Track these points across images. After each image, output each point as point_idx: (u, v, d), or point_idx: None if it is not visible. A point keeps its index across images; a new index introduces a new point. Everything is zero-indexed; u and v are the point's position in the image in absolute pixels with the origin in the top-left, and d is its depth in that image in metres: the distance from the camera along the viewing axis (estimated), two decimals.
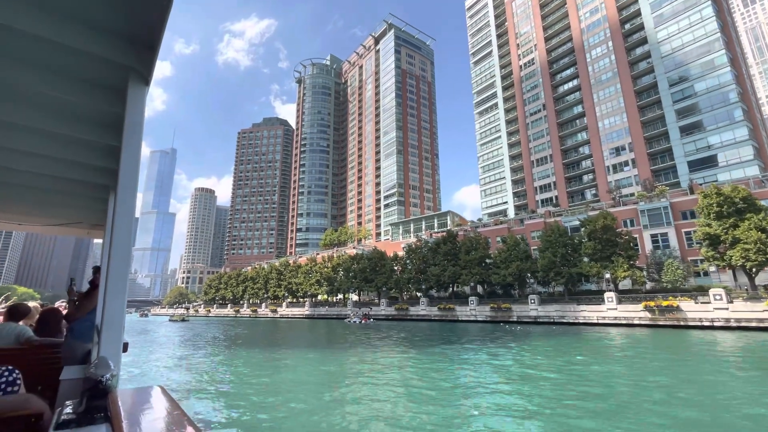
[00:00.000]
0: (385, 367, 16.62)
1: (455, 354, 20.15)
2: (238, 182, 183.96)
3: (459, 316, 50.08)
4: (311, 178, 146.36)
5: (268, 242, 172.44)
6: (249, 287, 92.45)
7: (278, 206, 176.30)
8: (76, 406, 1.18)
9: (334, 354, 21.55)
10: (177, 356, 22.86)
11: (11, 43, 1.73)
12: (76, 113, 2.37)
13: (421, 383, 13.16)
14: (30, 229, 5.60)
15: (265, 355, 21.61)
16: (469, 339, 27.65)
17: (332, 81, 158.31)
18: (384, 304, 59.85)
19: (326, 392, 12.29)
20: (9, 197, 3.90)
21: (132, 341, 31.70)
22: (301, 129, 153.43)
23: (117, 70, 1.91)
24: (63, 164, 2.95)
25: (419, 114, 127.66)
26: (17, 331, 3.54)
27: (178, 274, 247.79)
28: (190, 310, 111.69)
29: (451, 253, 57.62)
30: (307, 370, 17.24)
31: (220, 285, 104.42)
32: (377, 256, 68.99)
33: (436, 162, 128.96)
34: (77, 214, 4.65)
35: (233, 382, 14.47)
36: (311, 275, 78.68)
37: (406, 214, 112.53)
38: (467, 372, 15.19)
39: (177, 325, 63.24)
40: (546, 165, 75.56)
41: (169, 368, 18.29)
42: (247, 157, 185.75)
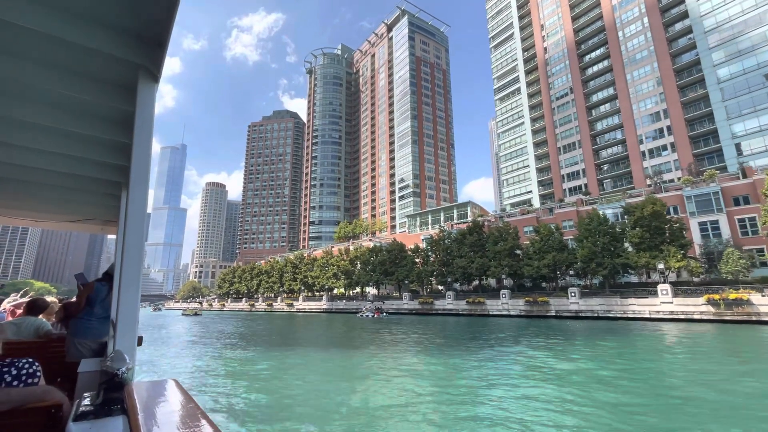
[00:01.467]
0: (417, 373, 13.85)
1: (503, 355, 17.30)
2: (249, 176, 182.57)
3: (489, 311, 47.15)
4: (323, 170, 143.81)
5: (279, 236, 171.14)
6: (264, 281, 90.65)
7: (290, 200, 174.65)
8: (94, 398, 1.22)
9: (353, 354, 18.92)
10: (191, 354, 20.46)
11: (22, 42, 1.75)
12: (88, 111, 2.37)
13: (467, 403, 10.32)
14: (46, 226, 5.65)
15: (275, 355, 19.08)
16: (510, 336, 24.76)
17: (343, 71, 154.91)
18: (407, 297, 57.15)
19: (336, 396, 10.89)
20: (25, 194, 3.94)
21: (145, 337, 29.61)
22: (313, 120, 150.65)
23: (126, 67, 1.91)
24: (76, 161, 2.94)
25: (434, 103, 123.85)
26: (36, 325, 3.71)
27: (190, 268, 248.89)
28: (204, 304, 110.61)
29: (478, 244, 54.63)
30: (321, 369, 15.21)
31: (234, 279, 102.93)
32: (397, 248, 66.28)
33: (452, 152, 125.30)
34: (91, 211, 4.65)
35: (241, 385, 12.95)
36: (328, 268, 76.37)
37: (421, 205, 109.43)
38: (532, 384, 12.26)
39: (190, 319, 61.69)
40: (574, 151, 71.66)
41: (182, 368, 15.92)
42: (257, 150, 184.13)
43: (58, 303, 5.28)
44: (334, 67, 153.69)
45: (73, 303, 4.45)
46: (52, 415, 1.43)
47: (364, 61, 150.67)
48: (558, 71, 76.38)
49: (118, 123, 2.51)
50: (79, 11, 1.70)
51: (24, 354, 2.00)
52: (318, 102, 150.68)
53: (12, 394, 1.39)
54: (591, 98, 70.76)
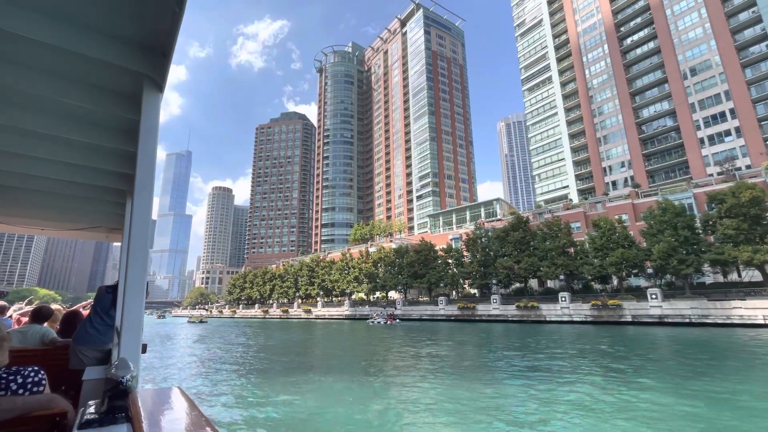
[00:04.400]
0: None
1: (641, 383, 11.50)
2: (257, 179, 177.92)
3: (546, 316, 41.18)
4: (335, 171, 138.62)
5: (289, 240, 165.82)
6: (277, 285, 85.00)
7: (299, 203, 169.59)
8: (99, 406, 1.24)
9: (391, 379, 13.21)
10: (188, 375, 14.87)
11: (27, 53, 1.78)
12: (93, 120, 2.40)
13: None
14: (52, 234, 5.59)
15: (292, 380, 13.46)
16: (601, 351, 18.87)
17: (355, 69, 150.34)
18: (443, 302, 51.23)
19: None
20: (31, 203, 3.96)
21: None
22: (324, 120, 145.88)
23: (131, 77, 1.94)
24: (81, 170, 2.98)
25: (452, 99, 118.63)
26: (42, 333, 3.76)
27: (196, 275, 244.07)
28: (214, 311, 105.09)
29: (523, 242, 48.77)
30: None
31: (245, 284, 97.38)
32: (426, 249, 60.51)
33: (471, 150, 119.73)
34: (96, 219, 4.61)
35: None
36: (348, 272, 70.63)
37: (441, 205, 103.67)
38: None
39: (195, 327, 56.35)
40: (616, 142, 65.76)
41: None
42: (265, 153, 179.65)
43: (63, 311, 5.29)
44: (345, 65, 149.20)
45: (76, 311, 4.81)
46: (57, 422, 1.43)
47: (376, 59, 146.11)
48: (595, 57, 70.77)
49: (123, 132, 2.46)
50: (83, 22, 1.68)
51: (29, 362, 1.97)
52: (329, 101, 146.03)
53: (17, 402, 1.39)
54: (635, 83, 65.02)
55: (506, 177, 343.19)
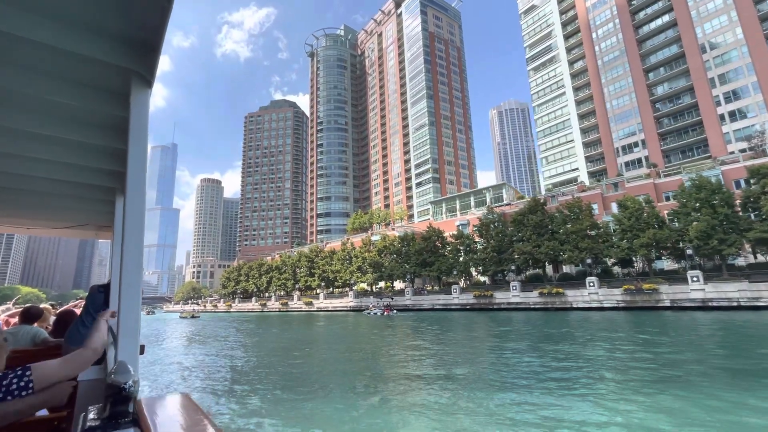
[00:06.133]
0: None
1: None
2: (247, 169, 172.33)
3: (572, 303, 38.57)
4: (330, 159, 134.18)
5: (282, 231, 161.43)
6: (275, 278, 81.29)
7: (291, 193, 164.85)
8: (100, 412, 1.21)
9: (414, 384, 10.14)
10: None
11: (13, 50, 1.75)
12: (80, 118, 2.36)
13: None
14: (38, 233, 5.43)
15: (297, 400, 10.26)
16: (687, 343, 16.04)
17: (347, 53, 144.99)
18: (456, 291, 48.36)
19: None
20: (16, 202, 3.88)
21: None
22: (317, 106, 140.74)
23: (119, 73, 1.89)
24: (69, 168, 2.94)
25: (450, 82, 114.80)
26: (33, 333, 3.70)
27: (187, 269, 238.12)
28: (208, 305, 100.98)
29: (542, 225, 46.00)
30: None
31: (240, 277, 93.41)
32: (435, 236, 57.48)
33: (471, 135, 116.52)
34: (84, 217, 4.46)
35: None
36: (350, 262, 67.34)
37: (442, 192, 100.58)
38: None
39: (186, 323, 54.02)
40: (629, 121, 63.18)
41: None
42: (255, 143, 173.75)
43: (52, 310, 5.35)
44: (337, 49, 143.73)
45: (71, 310, 4.71)
46: (54, 427, 1.42)
47: (369, 42, 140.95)
48: (606, 33, 67.71)
49: (111, 129, 2.42)
50: (69, 18, 1.64)
51: (21, 363, 1.82)
52: (322, 86, 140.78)
53: (9, 408, 1.34)
54: (649, 59, 62.26)
55: (499, 165, 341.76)
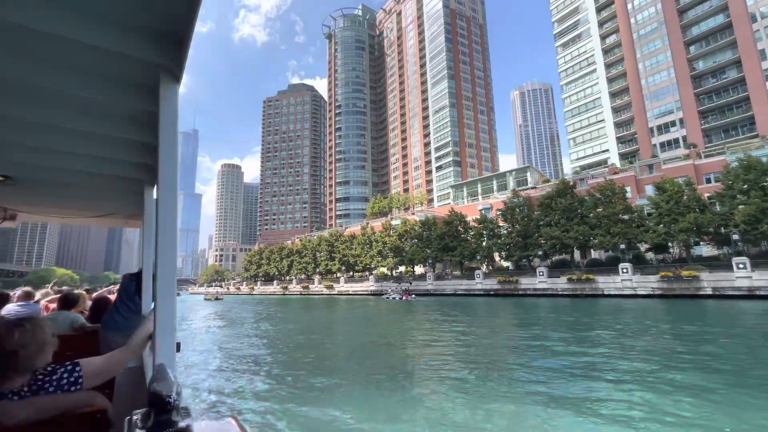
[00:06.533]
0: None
1: None
2: (266, 154, 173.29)
3: (603, 290, 37.04)
4: (348, 143, 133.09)
5: (301, 216, 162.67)
6: (296, 261, 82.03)
7: (310, 177, 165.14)
8: (144, 420, 1.20)
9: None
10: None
11: (42, 47, 1.79)
12: (109, 113, 2.41)
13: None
14: (74, 222, 5.85)
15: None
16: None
17: (366, 33, 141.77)
18: (480, 276, 47.36)
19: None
20: (51, 194, 4.11)
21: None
22: (335, 90, 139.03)
23: (147, 68, 1.88)
24: (100, 161, 3.04)
25: (472, 62, 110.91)
26: (71, 319, 3.88)
27: (209, 253, 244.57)
28: (231, 287, 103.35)
29: (571, 209, 44.12)
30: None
31: (261, 260, 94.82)
32: (457, 220, 56.20)
33: (492, 117, 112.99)
34: (113, 207, 4.67)
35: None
36: (371, 246, 66.98)
37: (462, 175, 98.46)
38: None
39: (211, 305, 54.90)
40: (666, 99, 59.41)
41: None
42: (274, 127, 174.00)
43: (87, 296, 5.75)
44: (355, 30, 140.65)
45: (105, 297, 5.07)
46: (97, 419, 1.48)
47: (388, 21, 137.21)
48: (643, 3, 63.22)
49: (140, 123, 2.47)
50: (96, 12, 1.64)
51: (62, 348, 2.00)
52: (339, 69, 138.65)
53: (58, 401, 1.45)
54: (690, 31, 57.91)
55: (520, 148, 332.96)
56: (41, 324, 1.57)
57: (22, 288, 5.82)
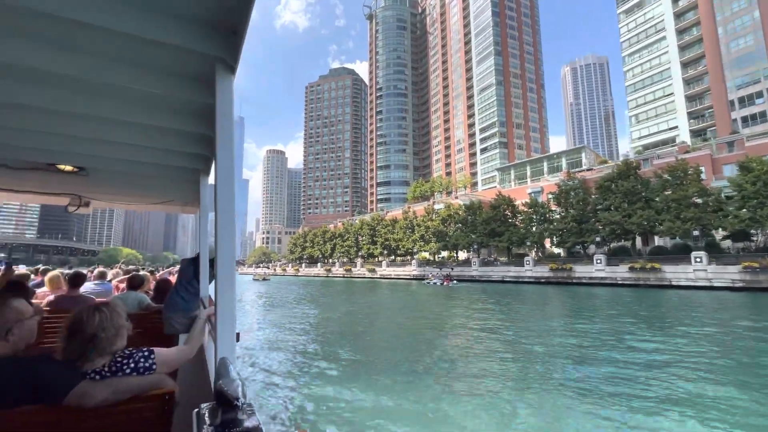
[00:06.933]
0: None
1: None
2: (309, 140, 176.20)
3: (671, 280, 33.80)
4: (389, 127, 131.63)
5: (343, 200, 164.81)
6: (338, 245, 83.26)
7: (351, 162, 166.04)
8: (212, 416, 1.23)
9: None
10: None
11: (99, 42, 1.83)
12: (167, 105, 2.47)
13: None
14: (135, 208, 6.22)
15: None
16: None
17: (407, 12, 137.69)
18: (530, 263, 45.14)
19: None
20: (115, 183, 4.41)
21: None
22: (376, 72, 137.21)
23: (203, 60, 1.90)
24: (158, 152, 3.15)
25: (521, 36, 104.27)
26: (139, 299, 4.20)
27: (257, 235, 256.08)
28: (278, 269, 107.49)
29: (634, 192, 40.41)
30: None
31: (306, 243, 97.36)
32: (504, 204, 53.69)
33: (543, 94, 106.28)
34: (170, 194, 4.98)
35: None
36: (413, 230, 66.15)
37: (509, 158, 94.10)
38: None
39: (260, 285, 56.97)
40: (751, 66, 52.13)
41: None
42: (316, 113, 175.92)
43: (151, 277, 6.38)
44: (396, 9, 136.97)
45: (167, 279, 5.83)
46: (167, 401, 1.58)
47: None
48: None
49: (197, 115, 2.54)
50: (153, 6, 1.65)
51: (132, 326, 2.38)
52: (380, 51, 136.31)
53: (132, 383, 1.56)
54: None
55: (570, 128, 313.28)
56: (117, 309, 1.69)
57: (97, 268, 6.25)
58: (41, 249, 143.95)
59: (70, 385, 1.42)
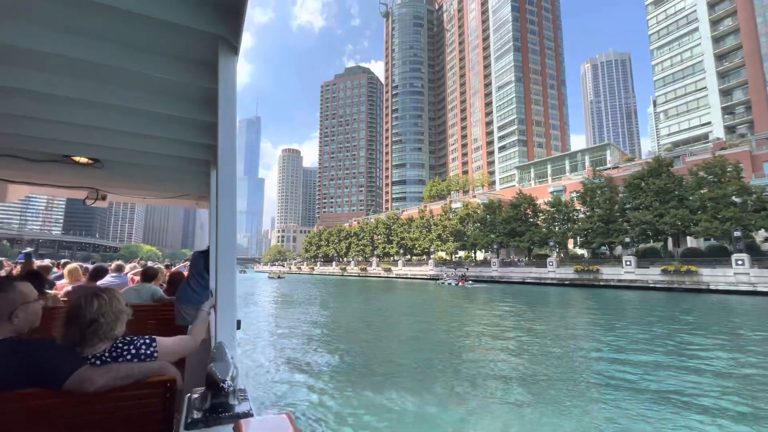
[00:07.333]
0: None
1: None
2: (324, 138, 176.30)
3: (709, 284, 31.64)
4: (404, 125, 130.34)
5: (357, 199, 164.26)
6: (353, 244, 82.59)
7: (366, 161, 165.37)
8: (201, 401, 1.24)
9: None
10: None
11: (99, 22, 1.76)
12: (171, 91, 2.38)
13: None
14: (150, 202, 6.26)
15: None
16: None
17: (424, 9, 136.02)
18: (552, 264, 43.35)
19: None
20: (132, 176, 4.28)
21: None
22: (391, 69, 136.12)
23: (205, 40, 1.84)
24: (170, 143, 3.07)
25: (541, 31, 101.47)
26: (152, 291, 4.30)
27: (272, 234, 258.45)
28: (293, 267, 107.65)
29: (666, 191, 38.22)
30: None
31: (321, 242, 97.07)
32: (525, 203, 51.89)
33: (564, 91, 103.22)
34: (184, 188, 4.84)
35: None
36: (429, 229, 64.87)
37: (529, 156, 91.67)
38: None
39: (275, 283, 57.12)
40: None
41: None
42: (331, 111, 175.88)
43: (165, 270, 6.32)
44: (413, 6, 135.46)
45: (180, 272, 5.67)
46: (168, 388, 1.57)
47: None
48: None
49: (202, 101, 2.44)
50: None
51: (144, 317, 2.22)
52: (396, 48, 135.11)
53: (134, 368, 1.55)
54: None
55: (590, 127, 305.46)
56: (117, 295, 1.69)
57: (115, 262, 6.36)
58: (65, 245, 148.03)
59: (71, 369, 1.41)
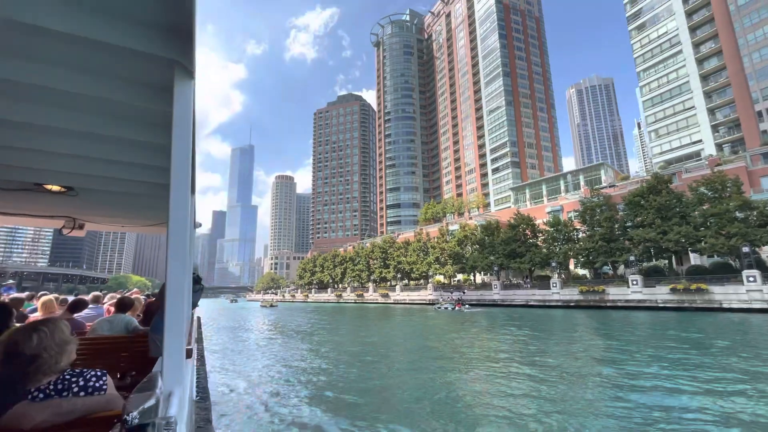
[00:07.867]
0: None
1: None
2: (317, 164, 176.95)
3: (721, 302, 30.52)
4: (397, 149, 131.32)
5: (352, 224, 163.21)
6: (349, 269, 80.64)
7: (360, 186, 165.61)
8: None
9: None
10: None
11: (51, 47, 1.74)
12: (138, 117, 2.36)
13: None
14: (129, 230, 5.79)
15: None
16: None
17: (414, 38, 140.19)
18: (557, 285, 42.06)
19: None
20: (106, 204, 4.13)
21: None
22: (384, 96, 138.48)
23: (162, 66, 1.83)
24: (141, 169, 3.00)
25: (528, 56, 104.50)
26: (126, 321, 4.07)
27: (265, 261, 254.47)
28: (286, 295, 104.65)
29: (668, 207, 37.73)
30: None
31: (315, 268, 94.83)
32: (524, 224, 51.14)
33: (553, 114, 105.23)
34: (162, 216, 4.51)
35: None
36: (427, 253, 63.57)
37: (522, 177, 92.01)
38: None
39: (267, 312, 54.50)
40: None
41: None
42: (324, 138, 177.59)
43: (143, 300, 6.09)
44: (403, 36, 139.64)
45: (153, 302, 5.15)
46: (113, 424, 1.45)
47: (436, 24, 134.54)
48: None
49: (168, 127, 2.23)
50: (103, 8, 1.61)
51: (117, 349, 2.14)
52: (388, 76, 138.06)
53: (78, 403, 1.46)
54: None
55: (579, 150, 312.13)
56: (59, 325, 1.59)
57: (93, 293, 5.95)
58: (51, 277, 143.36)
59: (6, 404, 1.32)
